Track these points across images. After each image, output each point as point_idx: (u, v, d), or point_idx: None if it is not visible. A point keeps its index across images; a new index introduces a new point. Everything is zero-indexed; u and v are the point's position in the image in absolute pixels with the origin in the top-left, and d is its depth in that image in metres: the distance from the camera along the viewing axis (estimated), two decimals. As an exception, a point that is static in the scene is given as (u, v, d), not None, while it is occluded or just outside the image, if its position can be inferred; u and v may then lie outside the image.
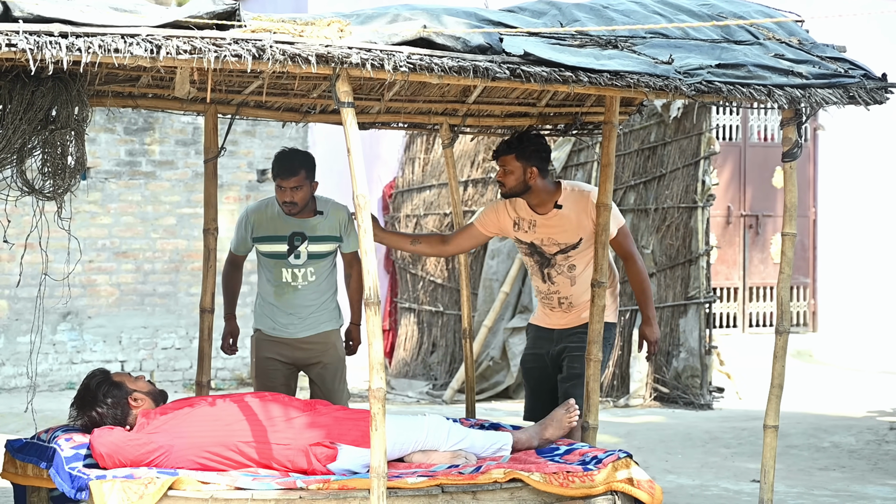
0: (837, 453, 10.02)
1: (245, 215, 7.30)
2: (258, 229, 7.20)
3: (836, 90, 6.01)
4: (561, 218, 6.85)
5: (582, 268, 6.90)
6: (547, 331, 7.10)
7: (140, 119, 13.59)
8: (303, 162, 7.05)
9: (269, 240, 7.16)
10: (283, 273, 7.14)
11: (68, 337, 13.32)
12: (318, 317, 7.24)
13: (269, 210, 7.20)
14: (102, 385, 5.97)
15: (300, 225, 7.12)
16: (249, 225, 7.23)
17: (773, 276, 15.96)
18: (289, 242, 7.13)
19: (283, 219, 7.14)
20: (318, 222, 7.15)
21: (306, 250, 7.13)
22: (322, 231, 7.15)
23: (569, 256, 6.90)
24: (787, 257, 6.20)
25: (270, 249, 7.17)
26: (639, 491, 5.90)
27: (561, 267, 6.93)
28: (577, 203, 6.84)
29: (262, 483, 5.52)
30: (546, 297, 7.04)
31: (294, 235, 7.12)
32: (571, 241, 6.88)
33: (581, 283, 6.91)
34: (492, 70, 5.43)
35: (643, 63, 5.75)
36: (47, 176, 6.03)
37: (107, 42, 4.91)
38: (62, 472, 5.55)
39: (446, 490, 5.62)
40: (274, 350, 7.21)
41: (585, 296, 6.86)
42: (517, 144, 6.81)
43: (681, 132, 12.75)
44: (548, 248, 6.93)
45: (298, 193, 7.02)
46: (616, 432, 10.52)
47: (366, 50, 5.27)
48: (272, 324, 7.23)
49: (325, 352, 7.27)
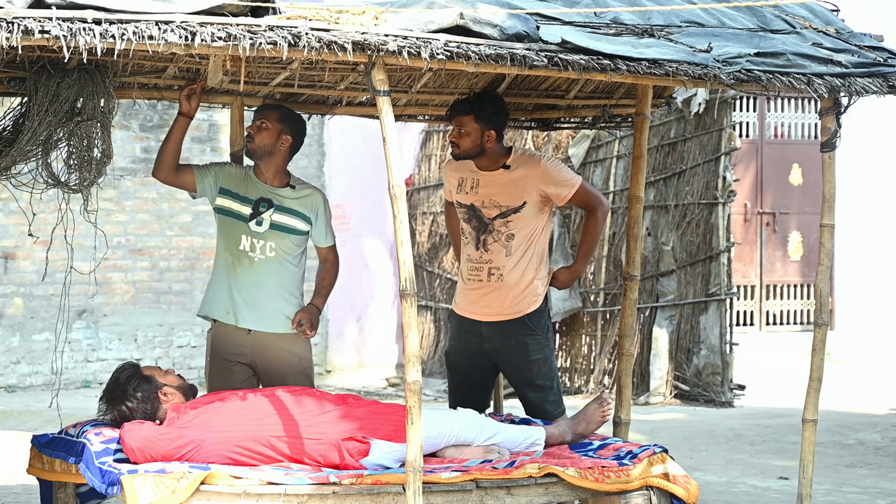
0: (863, 450, 9.95)
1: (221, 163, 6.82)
2: (228, 180, 6.63)
3: (875, 79, 5.93)
4: (507, 178, 6.55)
5: (520, 241, 6.55)
6: (473, 323, 6.68)
7: (155, 116, 13.52)
8: (281, 109, 6.64)
9: (234, 196, 6.60)
10: (241, 239, 6.54)
11: (84, 335, 13.25)
12: (278, 314, 6.55)
13: (246, 171, 6.70)
14: (132, 379, 5.90)
15: (268, 191, 6.59)
16: (221, 173, 6.66)
17: (790, 273, 15.90)
18: (253, 207, 6.57)
19: (252, 182, 6.61)
20: (288, 195, 6.62)
21: (270, 218, 6.55)
22: (290, 204, 6.60)
23: (508, 221, 6.56)
24: (826, 248, 6.11)
25: (233, 207, 6.59)
26: (675, 486, 5.81)
27: (499, 234, 6.59)
28: (526, 165, 6.56)
29: (295, 478, 5.44)
30: (476, 266, 6.63)
31: (261, 200, 6.57)
32: (514, 203, 6.55)
33: (515, 257, 6.56)
34: (529, 58, 5.35)
35: (681, 51, 5.67)
36: (73, 168, 5.97)
37: (141, 29, 4.84)
38: (92, 467, 5.48)
39: (480, 485, 5.54)
40: (232, 347, 6.55)
41: (517, 278, 6.54)
42: (478, 105, 6.49)
43: (701, 128, 12.67)
44: (488, 210, 6.59)
45: (261, 133, 6.52)
46: (639, 430, 10.43)
47: (402, 37, 5.19)
48: (225, 306, 6.55)
49: (286, 361, 6.58)
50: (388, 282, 14.78)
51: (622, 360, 6.58)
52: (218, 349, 6.61)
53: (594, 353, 13.21)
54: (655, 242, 12.89)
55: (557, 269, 6.77)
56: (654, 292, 12.82)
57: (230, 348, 6.57)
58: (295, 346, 6.61)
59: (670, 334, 12.58)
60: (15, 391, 12.81)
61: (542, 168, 6.56)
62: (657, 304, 12.73)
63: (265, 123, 6.53)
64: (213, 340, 6.65)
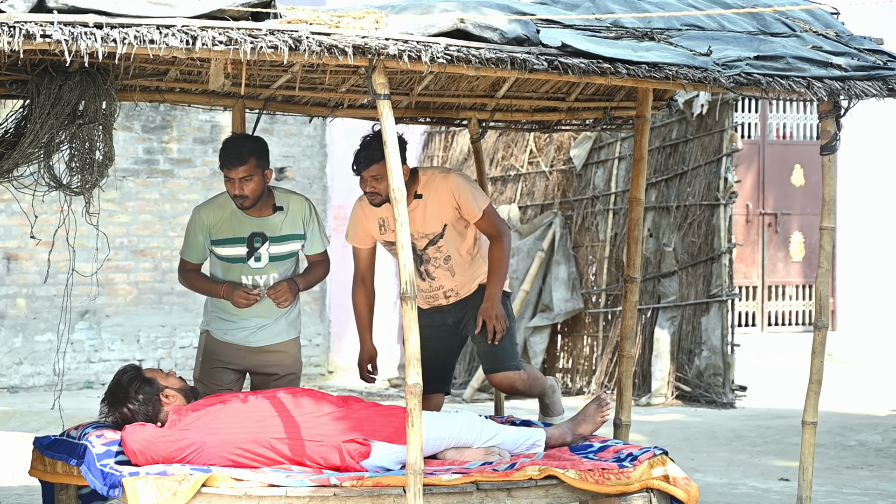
0: (864, 452, 9.95)
1: (197, 217, 6.49)
2: (215, 231, 6.43)
3: (875, 82, 5.94)
4: (422, 208, 6.45)
5: (459, 257, 6.55)
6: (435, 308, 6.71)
7: (158, 117, 13.54)
8: (253, 149, 6.27)
9: (227, 242, 6.42)
10: (242, 280, 6.40)
11: (86, 336, 13.27)
12: (277, 325, 6.55)
13: (225, 208, 6.41)
14: (134, 381, 5.90)
15: (260, 224, 6.39)
16: (205, 227, 6.44)
17: (792, 274, 15.90)
18: (248, 244, 6.39)
19: (240, 218, 6.38)
20: (280, 220, 6.41)
21: (268, 252, 6.40)
22: (285, 230, 6.43)
23: (440, 247, 6.53)
24: (826, 251, 6.12)
25: (228, 253, 6.43)
26: (675, 488, 5.82)
27: (437, 261, 6.58)
28: (436, 188, 6.44)
29: (296, 480, 5.46)
30: (430, 294, 6.66)
31: (254, 236, 6.39)
32: (437, 229, 6.50)
33: (461, 271, 6.58)
34: (529, 62, 5.36)
35: (681, 55, 5.69)
36: (75, 171, 5.98)
37: (142, 33, 4.85)
38: (94, 469, 5.49)
39: (481, 487, 5.55)
40: (224, 355, 6.52)
41: (471, 277, 6.56)
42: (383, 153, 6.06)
43: (703, 129, 12.67)
44: (417, 242, 6.51)
45: (249, 185, 6.23)
46: (640, 431, 10.44)
47: (402, 41, 5.20)
48: (225, 328, 6.52)
49: (280, 363, 6.57)
50: (389, 283, 14.78)
51: (622, 363, 6.59)
52: (212, 352, 6.59)
53: (596, 354, 13.22)
54: (657, 243, 12.89)
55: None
56: (655, 293, 12.83)
57: (226, 356, 6.56)
58: (291, 346, 6.62)
59: (672, 335, 12.59)
60: (17, 392, 12.83)
61: (452, 186, 6.43)
62: (659, 305, 12.74)
63: (248, 176, 6.25)
64: (208, 344, 6.61)
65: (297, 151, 14.25)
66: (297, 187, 14.12)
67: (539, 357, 13.22)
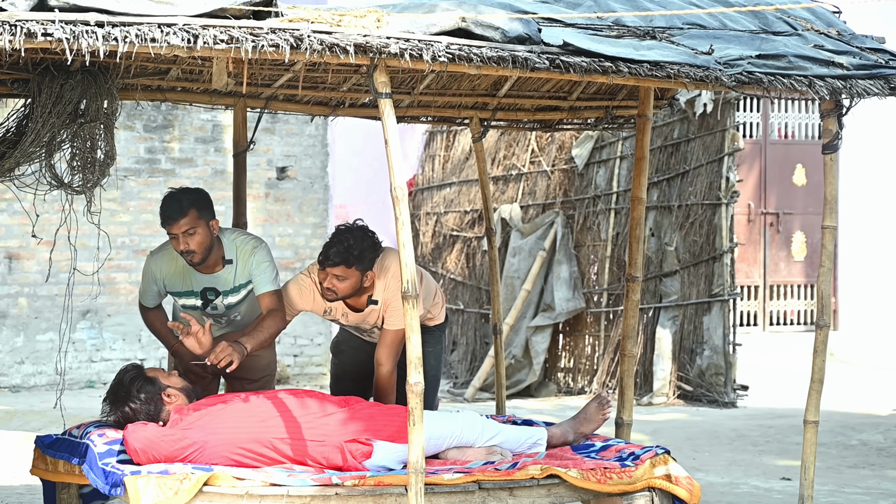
0: (866, 451, 9.95)
1: (150, 267, 6.41)
2: (168, 284, 6.38)
3: (877, 81, 5.93)
4: (378, 312, 6.38)
5: None
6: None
7: (159, 116, 13.54)
8: (192, 200, 6.10)
9: (182, 294, 6.38)
10: (203, 319, 6.21)
11: (87, 335, 13.27)
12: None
13: (178, 261, 6.27)
14: (136, 380, 5.90)
15: (212, 280, 6.28)
16: (158, 279, 6.39)
17: (794, 274, 15.89)
18: (202, 297, 6.34)
19: (191, 272, 6.27)
20: (230, 275, 6.27)
21: (223, 304, 6.35)
22: (235, 281, 6.27)
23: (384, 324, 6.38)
24: (828, 251, 6.11)
25: (184, 302, 6.39)
26: (677, 487, 5.82)
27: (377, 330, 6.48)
28: (386, 290, 6.30)
29: (298, 479, 5.45)
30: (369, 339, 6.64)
31: (206, 290, 6.32)
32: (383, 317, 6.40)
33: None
34: (531, 60, 5.36)
35: (683, 53, 5.68)
36: (76, 170, 5.98)
37: (144, 31, 4.84)
38: (95, 468, 5.49)
39: (483, 486, 5.55)
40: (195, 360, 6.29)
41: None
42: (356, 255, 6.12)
43: (704, 128, 12.66)
44: (365, 326, 6.51)
45: (194, 238, 6.07)
46: (642, 430, 10.44)
47: (404, 40, 5.20)
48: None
49: (252, 367, 6.42)
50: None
51: (624, 362, 6.58)
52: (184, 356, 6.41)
53: (597, 353, 13.21)
54: (659, 243, 12.89)
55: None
56: (657, 293, 12.82)
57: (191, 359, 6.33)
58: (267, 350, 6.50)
59: (673, 335, 12.59)
60: (19, 391, 12.83)
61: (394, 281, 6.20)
62: (660, 305, 12.73)
63: (190, 229, 6.08)
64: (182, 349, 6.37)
65: (298, 151, 14.24)
66: (299, 187, 14.14)
67: (541, 357, 13.22)
